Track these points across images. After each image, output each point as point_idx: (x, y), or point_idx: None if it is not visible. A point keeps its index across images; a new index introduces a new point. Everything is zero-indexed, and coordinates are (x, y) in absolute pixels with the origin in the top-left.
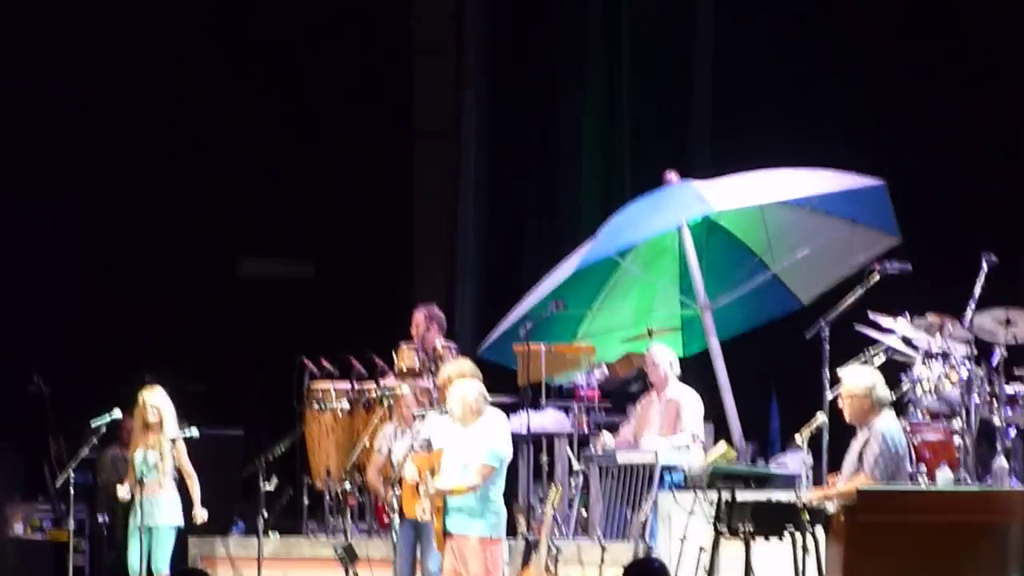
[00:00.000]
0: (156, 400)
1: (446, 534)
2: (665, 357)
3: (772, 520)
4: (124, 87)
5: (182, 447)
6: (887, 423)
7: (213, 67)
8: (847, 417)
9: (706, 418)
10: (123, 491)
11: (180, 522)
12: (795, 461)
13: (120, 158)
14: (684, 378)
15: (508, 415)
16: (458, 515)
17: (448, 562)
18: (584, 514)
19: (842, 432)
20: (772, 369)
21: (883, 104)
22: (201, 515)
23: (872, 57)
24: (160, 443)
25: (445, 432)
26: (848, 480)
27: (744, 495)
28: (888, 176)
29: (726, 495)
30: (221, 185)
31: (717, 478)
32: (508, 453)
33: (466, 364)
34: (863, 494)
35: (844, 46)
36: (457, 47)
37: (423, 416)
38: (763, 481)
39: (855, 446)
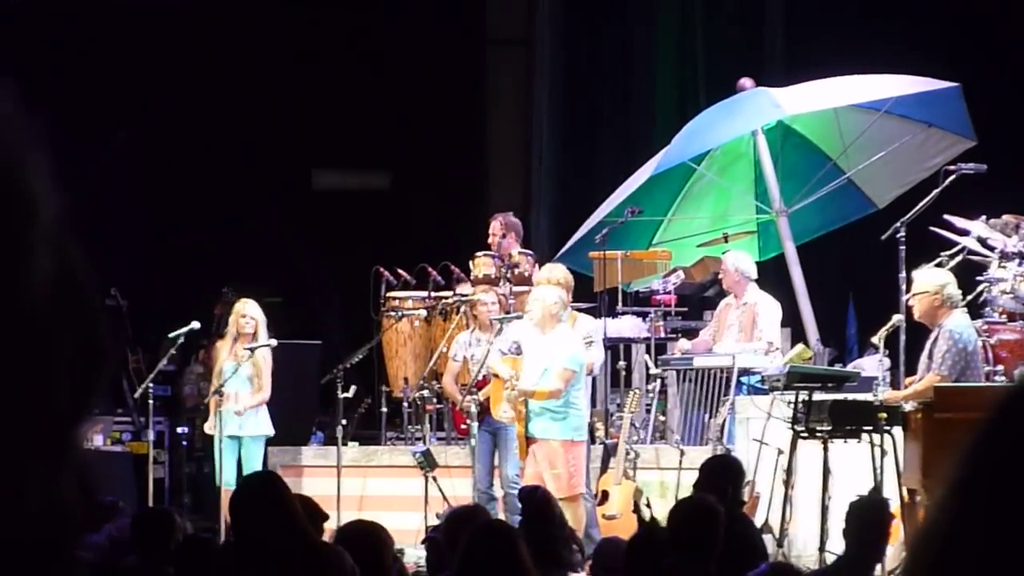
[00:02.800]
0: (252, 312)
1: (528, 439)
2: (742, 262)
3: (849, 420)
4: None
5: (267, 361)
6: (957, 321)
7: None
8: (916, 315)
9: (783, 324)
10: (209, 426)
11: (270, 431)
12: (872, 365)
13: (195, 73)
14: (760, 283)
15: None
16: (540, 419)
17: (530, 467)
18: (662, 419)
19: (920, 336)
20: (849, 274)
21: (958, 6)
22: (240, 407)
23: None
24: (245, 353)
25: (528, 338)
26: (920, 380)
27: (821, 396)
28: (963, 78)
29: (804, 396)
30: (296, 99)
31: (794, 379)
32: (595, 358)
33: (557, 270)
34: (939, 392)
35: None
36: None
37: (503, 322)
38: (840, 381)
39: (927, 346)
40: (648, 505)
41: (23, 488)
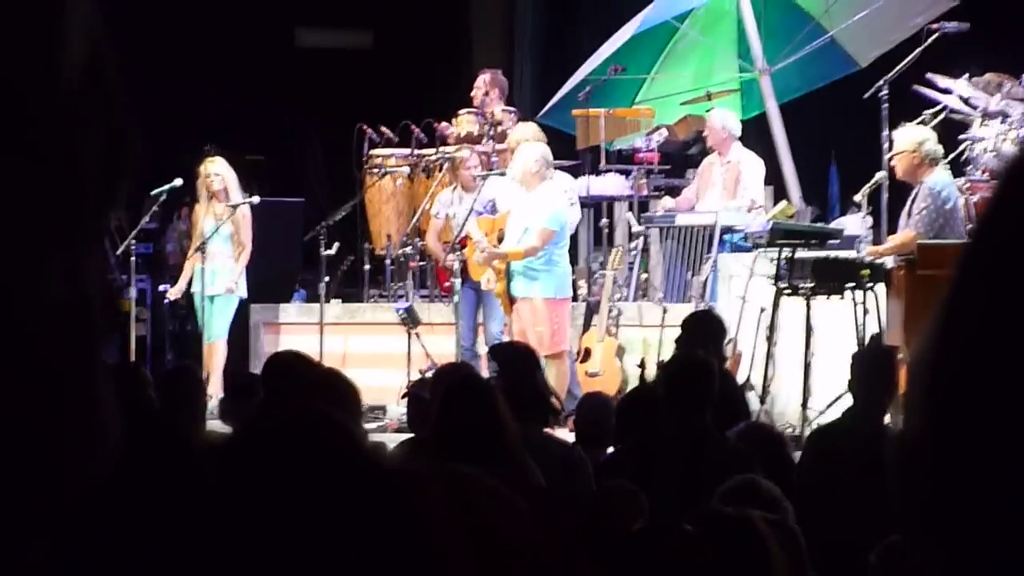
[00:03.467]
0: (218, 169)
1: (511, 297)
2: (726, 120)
3: (832, 277)
4: None
5: (247, 217)
6: (937, 178)
7: None
8: (898, 174)
9: (766, 182)
10: (173, 293)
11: (243, 293)
12: (855, 224)
13: None
14: (743, 141)
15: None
16: (522, 278)
17: (515, 325)
18: (644, 277)
19: (903, 194)
20: (831, 133)
21: None
22: (227, 284)
23: None
24: (225, 212)
25: (510, 195)
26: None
27: (804, 253)
28: None
29: (787, 253)
30: None
31: (777, 235)
32: (571, 216)
33: (530, 128)
34: (922, 248)
35: None
36: None
37: (484, 179)
38: (823, 238)
39: (908, 203)
40: (642, 366)
41: (46, 272)
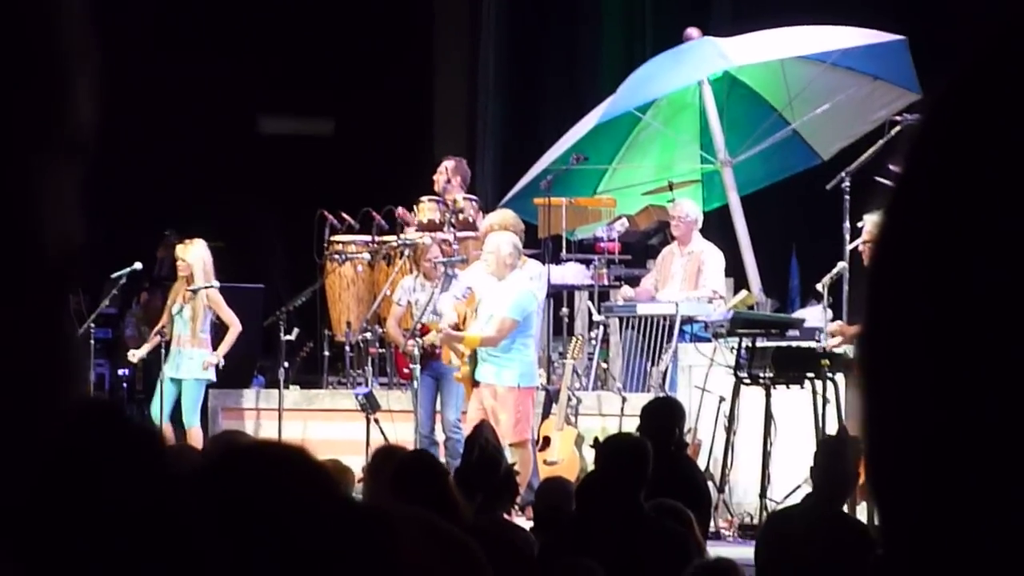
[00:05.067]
0: (187, 254)
1: (475, 383)
2: (693, 210)
3: (793, 366)
4: None
5: (218, 299)
6: None
7: None
8: (867, 261)
9: (726, 273)
10: (135, 354)
11: (210, 376)
12: (815, 316)
13: (140, 18)
14: (704, 233)
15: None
16: (486, 364)
17: (473, 409)
18: (604, 367)
19: (863, 285)
20: (792, 226)
21: None
22: (210, 360)
23: None
24: (187, 296)
25: (483, 283)
26: None
27: (765, 343)
28: (909, 31)
29: (747, 342)
30: (240, 44)
31: (738, 325)
32: (535, 306)
33: (508, 214)
34: None
35: None
36: None
37: (448, 265)
38: (784, 328)
39: None
40: (596, 444)
41: (39, 190)
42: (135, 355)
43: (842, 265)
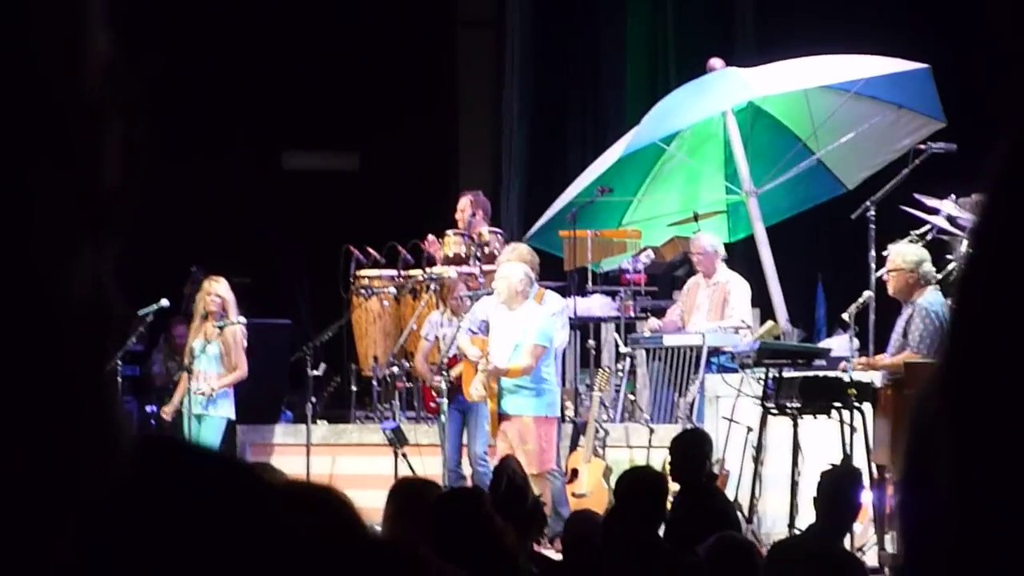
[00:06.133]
0: (220, 290)
1: (501, 415)
2: (712, 242)
3: (820, 397)
4: None
5: (238, 340)
6: (931, 298)
7: None
8: (891, 290)
9: (752, 304)
10: (167, 412)
11: (231, 414)
12: (841, 345)
13: (164, 53)
14: (730, 264)
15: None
16: (513, 396)
17: (501, 443)
18: (631, 398)
19: (888, 314)
20: (817, 256)
21: None
22: (203, 389)
23: None
24: (213, 333)
25: (495, 314)
26: (894, 355)
27: (791, 373)
28: (933, 59)
29: (774, 373)
30: (265, 79)
31: (765, 355)
32: (561, 337)
33: (523, 248)
34: (910, 368)
35: None
36: None
37: (473, 298)
38: (811, 358)
39: (900, 322)
40: None
41: (75, 268)
42: (168, 413)
43: (868, 294)
